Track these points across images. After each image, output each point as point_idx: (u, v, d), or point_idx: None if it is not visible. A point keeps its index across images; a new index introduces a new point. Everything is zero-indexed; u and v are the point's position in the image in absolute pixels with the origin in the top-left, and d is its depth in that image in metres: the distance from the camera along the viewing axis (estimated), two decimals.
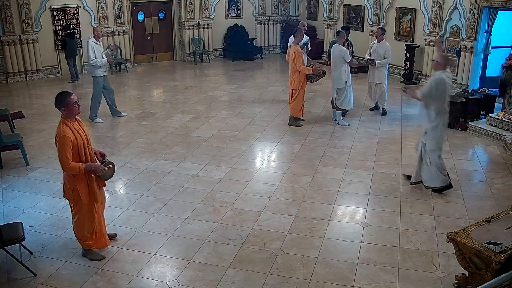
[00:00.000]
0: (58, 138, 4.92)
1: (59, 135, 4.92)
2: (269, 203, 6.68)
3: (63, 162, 4.91)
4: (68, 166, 4.92)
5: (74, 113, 5.04)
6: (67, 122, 4.99)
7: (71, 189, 5.11)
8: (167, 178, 7.48)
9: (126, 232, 5.97)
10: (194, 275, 5.14)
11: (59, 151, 4.91)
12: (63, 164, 4.93)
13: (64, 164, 4.92)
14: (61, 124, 4.98)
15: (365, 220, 6.25)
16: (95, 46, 9.78)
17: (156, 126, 9.95)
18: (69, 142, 4.90)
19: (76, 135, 4.98)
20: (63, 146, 4.88)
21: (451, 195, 6.90)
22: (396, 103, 11.44)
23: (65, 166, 4.94)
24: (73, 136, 4.95)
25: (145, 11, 15.95)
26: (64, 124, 4.97)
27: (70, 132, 4.95)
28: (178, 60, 16.85)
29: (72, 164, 4.92)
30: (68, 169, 4.94)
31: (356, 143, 8.91)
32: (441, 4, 12.28)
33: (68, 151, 4.90)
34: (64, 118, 5.00)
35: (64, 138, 4.89)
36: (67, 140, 4.89)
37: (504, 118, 9.15)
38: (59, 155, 4.92)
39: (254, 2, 17.44)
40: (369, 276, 5.11)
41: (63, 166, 4.95)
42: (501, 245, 4.26)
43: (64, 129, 4.94)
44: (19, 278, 5.11)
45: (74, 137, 4.96)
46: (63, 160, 4.91)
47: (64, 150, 4.88)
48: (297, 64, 9.32)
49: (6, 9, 13.28)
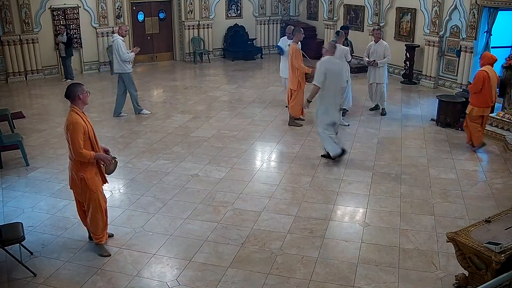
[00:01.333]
0: (71, 126, 5.05)
1: (71, 123, 5.05)
2: (269, 203, 6.69)
3: (75, 147, 5.03)
4: (81, 151, 5.05)
5: (86, 100, 5.25)
6: (77, 110, 5.15)
7: (79, 179, 5.21)
8: (167, 178, 7.48)
9: (126, 232, 5.97)
10: (194, 275, 5.14)
11: (72, 137, 5.04)
12: (75, 150, 5.05)
13: (76, 149, 5.04)
14: (71, 113, 5.14)
15: (365, 220, 6.25)
16: (123, 44, 10.10)
17: (156, 126, 9.95)
18: (81, 129, 5.07)
19: (86, 123, 5.15)
20: (76, 132, 5.03)
21: (451, 195, 6.91)
22: (396, 103, 11.44)
23: (77, 152, 5.05)
24: (84, 124, 5.11)
25: (145, 11, 15.95)
26: (74, 112, 5.13)
27: (81, 120, 5.11)
28: (178, 60, 16.84)
29: (84, 151, 5.07)
30: (79, 154, 5.06)
31: (356, 143, 8.91)
32: (441, 4, 12.28)
33: (81, 136, 5.05)
34: (74, 108, 5.15)
35: (77, 125, 5.05)
36: (79, 127, 5.05)
37: (504, 118, 9.15)
38: (72, 141, 5.05)
39: (254, 2, 17.44)
40: (369, 276, 5.11)
41: (75, 151, 5.06)
42: (501, 245, 4.26)
43: (75, 116, 5.10)
44: (19, 278, 5.11)
45: (85, 125, 5.13)
46: (75, 145, 5.03)
47: (76, 136, 5.03)
48: (296, 63, 9.33)
49: (6, 9, 13.28)
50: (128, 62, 10.20)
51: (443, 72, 12.76)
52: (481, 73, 8.16)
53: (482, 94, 8.15)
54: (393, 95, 11.78)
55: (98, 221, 5.44)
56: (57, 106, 11.50)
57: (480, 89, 8.12)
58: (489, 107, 8.32)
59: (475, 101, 8.28)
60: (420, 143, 8.94)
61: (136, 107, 10.68)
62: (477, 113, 8.30)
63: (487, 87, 8.08)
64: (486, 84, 8.07)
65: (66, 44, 13.59)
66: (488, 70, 8.18)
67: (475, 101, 8.28)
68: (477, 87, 8.14)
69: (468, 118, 8.42)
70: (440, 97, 9.89)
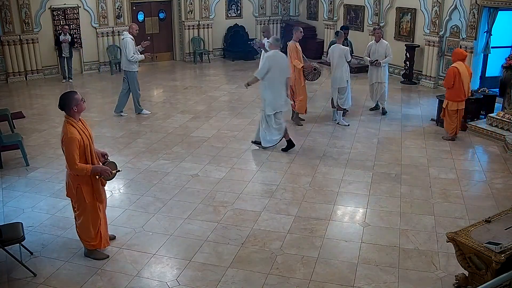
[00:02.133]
0: (66, 139, 4.93)
1: (66, 136, 4.92)
2: (269, 203, 6.68)
3: (71, 163, 4.94)
4: (76, 167, 4.94)
5: (82, 109, 5.09)
6: (72, 122, 5.00)
7: (75, 188, 5.13)
8: (167, 178, 7.48)
9: (126, 232, 5.97)
10: (194, 275, 5.14)
11: (67, 152, 4.93)
12: (70, 165, 4.96)
13: (71, 165, 4.94)
14: (66, 125, 4.98)
15: (365, 220, 6.25)
16: (132, 43, 10.06)
17: (156, 126, 9.95)
18: (77, 143, 4.93)
19: (82, 136, 5.01)
20: (71, 147, 4.90)
21: (451, 195, 6.91)
22: (396, 103, 11.44)
23: (72, 167, 4.96)
24: (79, 137, 4.97)
25: (145, 11, 15.94)
26: (69, 125, 4.98)
27: (77, 133, 4.96)
28: (178, 60, 16.84)
29: (79, 165, 4.95)
30: (75, 169, 4.96)
31: (356, 143, 8.91)
32: (441, 4, 12.28)
33: (76, 151, 4.92)
34: (68, 119, 5.01)
35: (72, 139, 4.91)
36: (74, 141, 4.92)
37: (504, 118, 9.15)
38: (67, 155, 4.94)
39: (254, 2, 17.44)
40: (369, 276, 5.11)
41: (70, 166, 4.97)
42: (501, 245, 4.26)
43: (70, 130, 4.94)
44: (19, 278, 5.10)
45: (81, 138, 4.98)
46: (70, 161, 4.93)
47: (72, 151, 4.90)
48: (292, 59, 9.39)
49: (6, 9, 13.28)
50: (135, 61, 10.22)
51: (443, 72, 12.73)
52: (452, 69, 8.71)
53: (454, 89, 8.69)
54: (393, 95, 11.78)
55: (88, 228, 5.28)
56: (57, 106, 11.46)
57: (452, 84, 8.66)
58: (462, 101, 8.83)
59: (449, 96, 8.85)
60: (420, 143, 8.94)
61: (137, 107, 10.71)
62: (451, 107, 8.83)
63: (459, 82, 8.61)
64: (457, 79, 8.60)
65: (71, 43, 13.70)
66: (459, 66, 8.69)
67: (449, 96, 8.85)
68: (449, 82, 8.70)
69: (446, 111, 8.95)
70: (440, 97, 9.88)
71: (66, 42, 13.57)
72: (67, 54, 13.71)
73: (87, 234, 5.32)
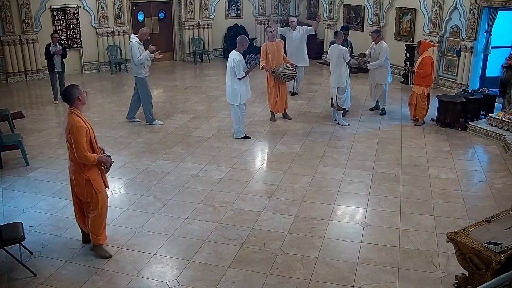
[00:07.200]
0: (74, 129, 5.01)
1: (75, 126, 5.01)
2: (269, 203, 6.69)
3: (80, 151, 5.01)
4: (85, 154, 5.04)
5: (85, 100, 5.23)
6: (77, 113, 5.12)
7: (83, 181, 5.19)
8: (167, 178, 7.48)
9: (126, 232, 5.97)
10: (194, 275, 5.14)
11: (76, 141, 5.01)
12: (79, 153, 5.03)
13: (80, 153, 5.02)
14: (72, 116, 5.08)
15: (365, 220, 6.25)
16: (139, 46, 9.56)
17: (156, 126, 9.94)
18: (85, 132, 5.06)
19: (87, 125, 5.14)
20: (80, 135, 5.01)
21: (451, 195, 6.91)
22: (396, 103, 11.44)
23: (81, 155, 5.03)
24: (86, 126, 5.10)
25: (145, 11, 15.93)
26: (75, 115, 5.09)
27: (83, 122, 5.10)
28: (178, 60, 16.84)
29: (88, 154, 5.07)
30: (84, 157, 5.05)
31: (356, 143, 8.91)
32: (441, 4, 12.27)
33: (84, 140, 5.04)
34: (74, 110, 5.12)
35: (81, 128, 5.03)
36: (83, 130, 5.04)
37: (504, 118, 9.15)
38: (76, 144, 5.01)
39: (254, 2, 17.43)
40: (369, 276, 5.11)
41: (79, 155, 5.04)
42: (501, 245, 4.26)
43: (77, 119, 5.07)
44: (19, 278, 5.11)
45: (87, 127, 5.12)
46: (79, 149, 5.01)
47: (81, 139, 5.01)
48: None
49: (6, 9, 13.26)
50: (143, 65, 9.54)
51: (443, 72, 12.75)
52: (428, 58, 9.54)
53: (430, 75, 9.63)
54: (393, 95, 11.77)
55: (102, 221, 5.45)
56: (57, 106, 11.50)
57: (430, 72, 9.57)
58: (431, 85, 9.91)
59: (425, 82, 9.65)
60: (420, 143, 8.94)
61: (149, 117, 9.94)
62: (426, 93, 9.70)
63: (432, 68, 9.64)
64: (432, 66, 9.61)
65: (63, 55, 11.50)
66: (431, 54, 9.83)
67: (425, 82, 9.65)
68: (428, 70, 9.51)
69: (420, 98, 9.73)
70: (440, 97, 9.89)
71: (58, 53, 11.31)
72: (59, 68, 11.51)
73: (100, 227, 5.44)
